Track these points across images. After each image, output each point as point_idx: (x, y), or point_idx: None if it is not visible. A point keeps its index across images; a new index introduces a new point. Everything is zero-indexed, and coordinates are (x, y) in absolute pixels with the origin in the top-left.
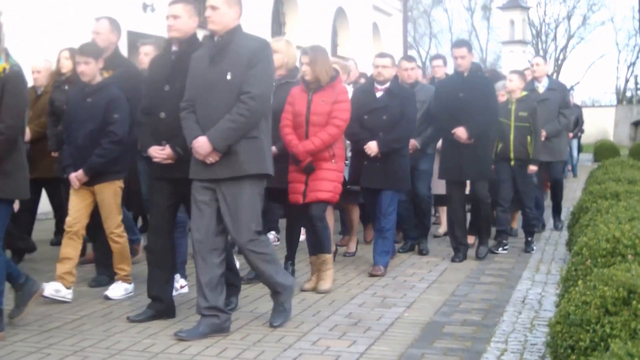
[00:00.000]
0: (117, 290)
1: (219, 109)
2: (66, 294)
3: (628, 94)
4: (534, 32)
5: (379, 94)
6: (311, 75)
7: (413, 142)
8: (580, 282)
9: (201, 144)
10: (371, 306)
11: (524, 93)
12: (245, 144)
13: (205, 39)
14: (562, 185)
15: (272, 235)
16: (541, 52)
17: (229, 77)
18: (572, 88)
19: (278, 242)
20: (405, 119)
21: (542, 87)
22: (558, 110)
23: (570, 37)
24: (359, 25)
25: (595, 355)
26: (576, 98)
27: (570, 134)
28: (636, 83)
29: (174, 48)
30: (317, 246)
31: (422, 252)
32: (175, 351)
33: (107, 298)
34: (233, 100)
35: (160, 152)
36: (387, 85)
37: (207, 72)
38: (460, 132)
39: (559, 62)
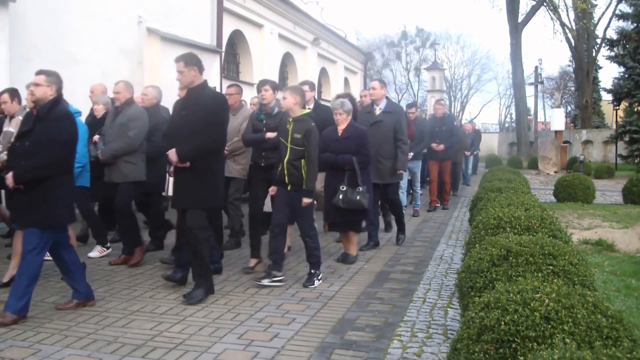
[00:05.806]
0: None
1: None
2: None
3: (506, 125)
4: (447, 84)
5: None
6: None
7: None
8: (477, 245)
9: None
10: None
11: (305, 111)
12: None
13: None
14: (400, 204)
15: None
16: (452, 98)
17: None
18: (472, 120)
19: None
20: (54, 144)
21: (379, 109)
22: (393, 133)
23: (470, 88)
24: (335, 80)
25: (486, 292)
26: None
27: (467, 152)
28: (511, 119)
29: None
30: None
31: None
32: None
33: None
34: None
35: None
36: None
37: None
38: (171, 155)
39: (463, 104)
